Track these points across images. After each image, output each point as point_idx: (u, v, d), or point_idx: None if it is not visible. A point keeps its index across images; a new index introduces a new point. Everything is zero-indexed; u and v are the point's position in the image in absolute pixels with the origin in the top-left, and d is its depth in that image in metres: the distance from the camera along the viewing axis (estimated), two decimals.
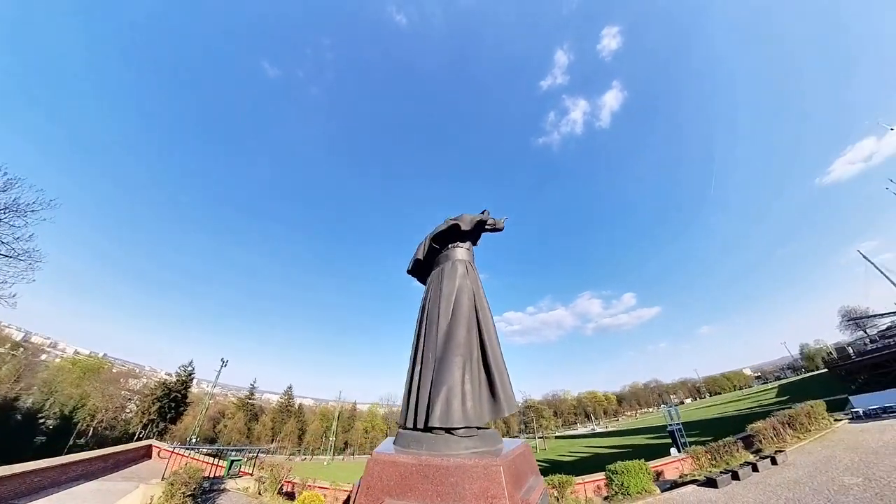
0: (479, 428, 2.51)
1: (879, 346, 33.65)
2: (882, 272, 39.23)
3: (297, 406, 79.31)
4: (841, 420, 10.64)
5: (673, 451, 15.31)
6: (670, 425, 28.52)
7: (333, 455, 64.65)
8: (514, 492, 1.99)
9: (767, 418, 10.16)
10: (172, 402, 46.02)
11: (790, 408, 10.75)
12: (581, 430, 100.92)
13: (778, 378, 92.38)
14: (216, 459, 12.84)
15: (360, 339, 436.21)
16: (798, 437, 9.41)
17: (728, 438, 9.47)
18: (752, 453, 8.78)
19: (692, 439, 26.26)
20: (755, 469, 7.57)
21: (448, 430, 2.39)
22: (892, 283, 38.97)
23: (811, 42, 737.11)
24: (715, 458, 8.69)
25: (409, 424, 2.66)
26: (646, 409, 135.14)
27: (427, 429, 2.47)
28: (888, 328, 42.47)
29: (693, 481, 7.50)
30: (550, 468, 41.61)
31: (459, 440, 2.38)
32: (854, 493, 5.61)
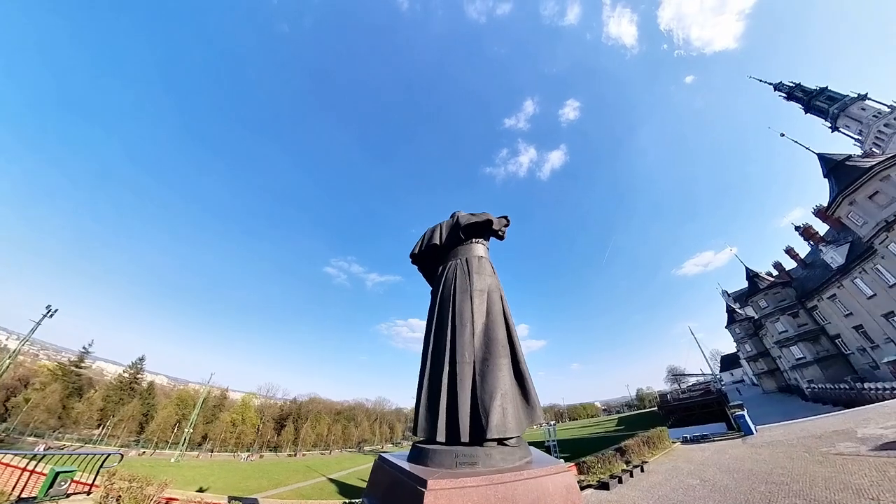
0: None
1: (687, 395, 46.24)
2: (699, 345, 54.34)
3: (145, 384, 64.11)
4: (676, 442, 14.37)
5: None
6: (548, 441, 33.34)
7: (185, 450, 53.91)
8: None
9: (634, 437, 13.12)
10: None
11: (636, 434, 13.96)
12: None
13: (618, 412, 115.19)
14: (29, 462, 8.49)
15: (244, 317, 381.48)
16: (653, 453, 12.44)
17: (608, 451, 11.80)
18: (625, 463, 11.15)
19: (564, 455, 30.97)
20: (631, 475, 9.74)
21: (500, 441, 2.15)
22: (703, 354, 54.10)
23: (692, 182, 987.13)
24: (601, 467, 10.76)
25: (442, 438, 2.19)
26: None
27: (474, 442, 2.12)
28: (693, 385, 58.99)
29: (589, 486, 9.19)
30: None
31: (513, 450, 2.16)
32: (697, 490, 7.80)
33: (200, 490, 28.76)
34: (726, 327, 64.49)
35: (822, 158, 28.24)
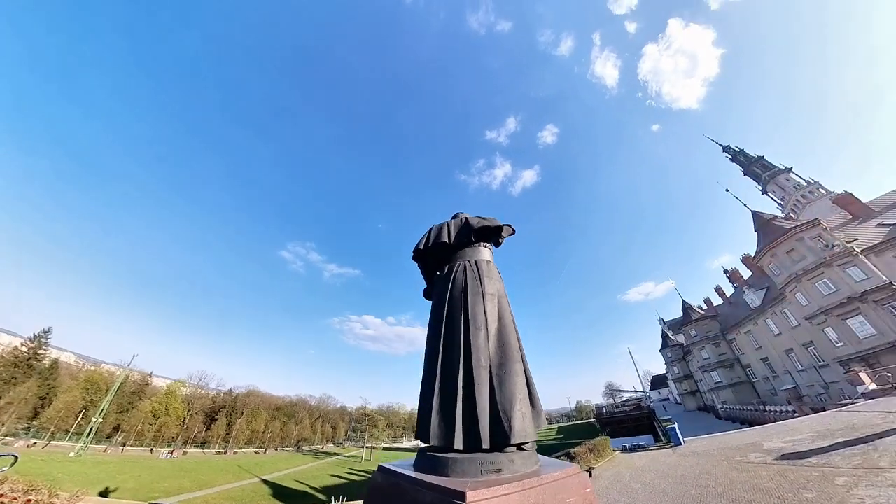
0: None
1: (621, 409, 50.44)
2: (635, 365, 59.73)
3: (47, 361, 54.84)
4: (617, 451, 15.67)
5: None
6: None
7: (90, 442, 47.06)
8: None
9: (582, 444, 14.13)
10: None
11: (583, 442, 15.06)
12: (406, 444, 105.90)
13: (558, 422, 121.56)
14: None
15: (178, 293, 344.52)
16: (598, 460, 13.47)
17: (560, 457, 12.59)
18: None
19: None
20: None
21: (518, 447, 2.13)
22: (637, 373, 59.52)
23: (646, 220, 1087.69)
24: None
25: (460, 445, 2.08)
26: None
27: (495, 448, 2.06)
28: (626, 400, 64.57)
29: None
30: None
31: (530, 455, 2.15)
32: (639, 493, 8.66)
33: (105, 492, 24.98)
34: (660, 350, 71.46)
35: (755, 215, 32.87)
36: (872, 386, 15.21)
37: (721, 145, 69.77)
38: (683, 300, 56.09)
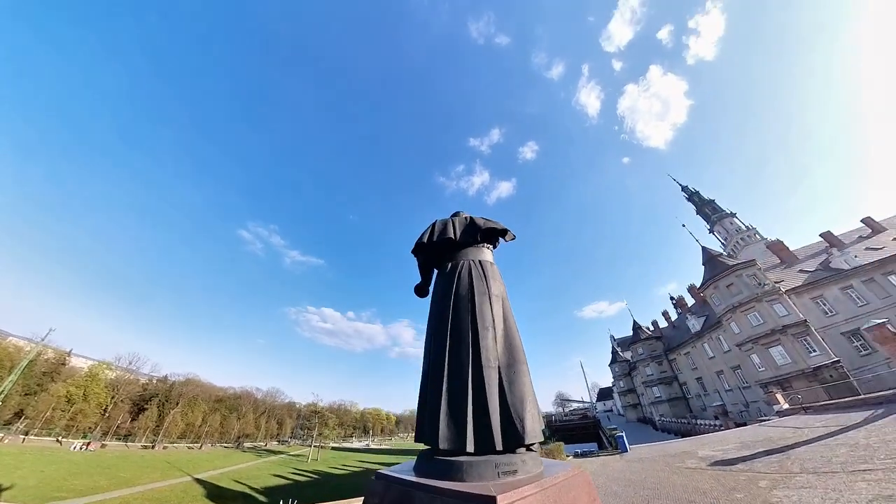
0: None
1: (570, 418, 53.21)
2: (585, 377, 63.60)
3: None
4: (569, 456, 16.54)
5: None
6: None
7: None
8: None
9: (538, 450, 14.80)
10: None
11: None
12: (356, 444, 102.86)
13: None
14: None
15: (114, 262, 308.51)
16: None
17: None
18: None
19: None
20: None
21: (528, 447, 2.14)
22: (587, 385, 63.47)
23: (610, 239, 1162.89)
24: None
25: (471, 448, 2.03)
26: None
27: (507, 449, 2.06)
28: (574, 409, 68.20)
29: None
30: (322, 481, 40.40)
31: (536, 455, 2.16)
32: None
33: None
34: (609, 365, 76.35)
35: (705, 250, 36.60)
36: (786, 406, 17.49)
37: (680, 185, 76.96)
38: (635, 320, 60.53)
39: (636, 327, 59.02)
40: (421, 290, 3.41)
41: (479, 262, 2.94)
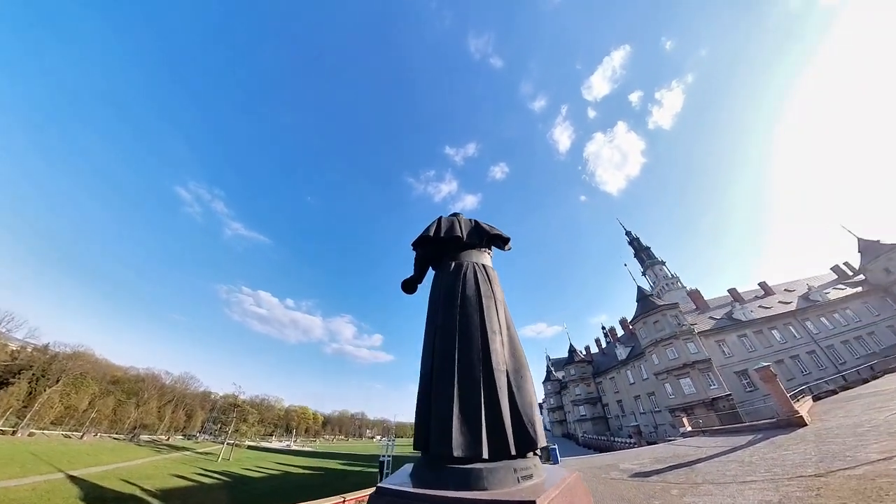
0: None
1: None
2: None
3: None
4: None
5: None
6: (384, 456, 33.26)
7: None
8: None
9: None
10: None
11: None
12: (276, 443, 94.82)
13: None
14: None
15: None
16: None
17: None
18: None
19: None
20: None
21: (534, 451, 2.15)
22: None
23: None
24: None
25: (486, 454, 1.96)
26: (342, 437, 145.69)
27: (519, 454, 2.05)
28: None
29: None
30: (233, 484, 36.46)
31: (539, 459, 2.20)
32: None
33: None
34: (542, 383, 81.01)
35: (639, 289, 41.66)
36: (689, 428, 20.25)
37: (625, 229, 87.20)
38: (571, 343, 65.27)
39: (571, 350, 63.64)
40: (410, 286, 3.25)
41: (483, 265, 2.94)
